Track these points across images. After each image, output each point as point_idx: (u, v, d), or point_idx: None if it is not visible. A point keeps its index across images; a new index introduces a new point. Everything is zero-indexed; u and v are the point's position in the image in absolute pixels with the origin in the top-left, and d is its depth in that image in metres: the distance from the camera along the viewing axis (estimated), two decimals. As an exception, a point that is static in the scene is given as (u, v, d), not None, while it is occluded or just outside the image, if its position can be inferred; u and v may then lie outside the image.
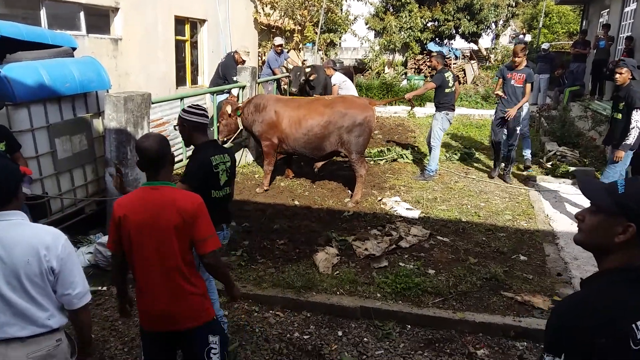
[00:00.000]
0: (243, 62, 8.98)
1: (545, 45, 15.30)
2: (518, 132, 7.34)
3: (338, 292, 4.36)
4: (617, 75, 5.47)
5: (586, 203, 1.56)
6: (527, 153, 8.22)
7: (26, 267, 2.00)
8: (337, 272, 4.73)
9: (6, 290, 2.01)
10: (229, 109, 6.61)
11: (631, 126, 5.34)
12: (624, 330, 1.33)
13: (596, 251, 1.53)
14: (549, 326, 1.45)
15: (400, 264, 4.90)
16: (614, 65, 5.83)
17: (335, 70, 9.41)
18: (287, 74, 10.94)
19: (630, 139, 5.38)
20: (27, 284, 2.02)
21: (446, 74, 7.50)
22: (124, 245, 2.44)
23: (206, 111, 3.27)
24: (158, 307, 2.42)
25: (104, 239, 4.75)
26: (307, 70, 9.10)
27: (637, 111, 5.32)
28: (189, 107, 3.22)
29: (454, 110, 7.68)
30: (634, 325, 1.34)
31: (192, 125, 3.17)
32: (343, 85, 9.12)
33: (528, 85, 7.19)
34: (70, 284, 2.10)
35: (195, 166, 3.17)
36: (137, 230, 2.37)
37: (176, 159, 3.83)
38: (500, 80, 7.44)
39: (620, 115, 5.55)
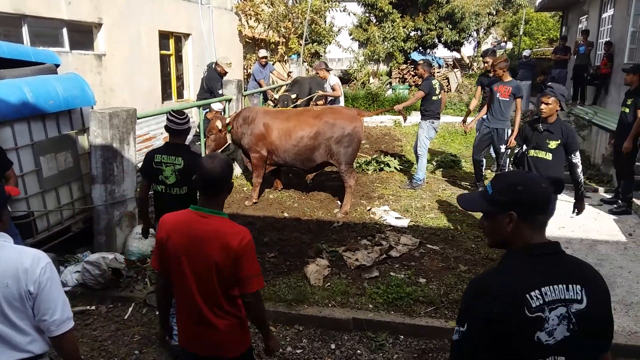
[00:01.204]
0: (225, 73, 8.95)
1: (526, 52, 15.54)
2: (503, 150, 6.79)
3: (330, 304, 4.34)
4: (543, 106, 4.47)
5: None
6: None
7: (5, 291, 1.95)
8: (329, 283, 4.71)
9: None
10: (219, 124, 6.59)
11: (579, 170, 4.50)
12: (518, 300, 1.49)
13: (504, 246, 1.69)
14: (461, 301, 1.65)
15: (391, 273, 4.89)
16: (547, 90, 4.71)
17: (328, 71, 9.35)
18: (273, 85, 11.00)
19: (582, 181, 4.56)
20: (6, 308, 1.97)
21: (433, 82, 7.53)
22: (167, 265, 2.33)
23: (176, 117, 3.81)
24: (193, 333, 2.35)
25: (92, 257, 4.69)
26: (293, 97, 9.17)
27: (578, 152, 4.53)
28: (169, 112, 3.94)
29: (439, 118, 7.71)
30: (528, 296, 1.49)
31: (165, 127, 3.88)
32: (337, 87, 9.12)
33: (518, 101, 6.65)
34: (47, 310, 2.02)
35: (144, 159, 3.90)
36: (176, 255, 2.26)
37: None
38: (479, 88, 7.32)
39: (549, 155, 4.51)
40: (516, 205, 1.61)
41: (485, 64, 7.39)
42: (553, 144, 4.46)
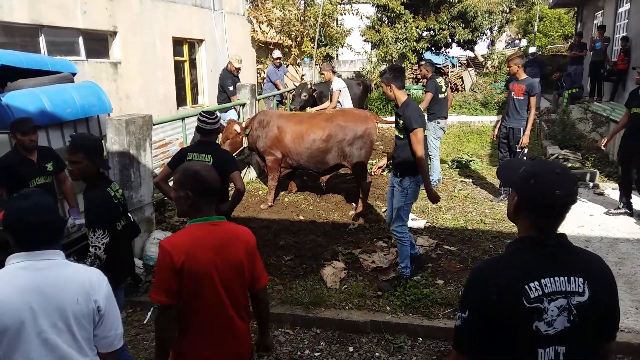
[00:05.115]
0: (237, 69, 8.97)
1: (532, 49, 15.40)
2: (518, 150, 6.60)
3: (347, 307, 4.33)
4: None
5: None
6: None
7: (75, 307, 1.87)
8: (345, 286, 4.70)
9: (51, 333, 1.83)
10: (237, 127, 6.62)
11: None
12: (517, 291, 1.51)
13: (516, 224, 1.70)
14: (464, 286, 1.66)
15: (409, 275, 4.86)
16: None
17: (334, 73, 9.29)
18: (289, 89, 11.01)
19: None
20: (74, 326, 1.88)
21: (438, 80, 7.48)
22: (185, 294, 2.11)
23: (207, 118, 4.10)
24: (229, 351, 2.25)
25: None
26: (311, 89, 9.20)
27: None
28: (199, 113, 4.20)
29: (445, 118, 7.58)
30: (526, 286, 1.51)
31: (196, 127, 4.20)
32: (344, 91, 9.06)
33: (532, 99, 6.42)
34: (112, 324, 2.00)
35: (175, 153, 4.22)
36: (203, 272, 2.10)
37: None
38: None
39: None
40: (520, 193, 1.61)
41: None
42: None
